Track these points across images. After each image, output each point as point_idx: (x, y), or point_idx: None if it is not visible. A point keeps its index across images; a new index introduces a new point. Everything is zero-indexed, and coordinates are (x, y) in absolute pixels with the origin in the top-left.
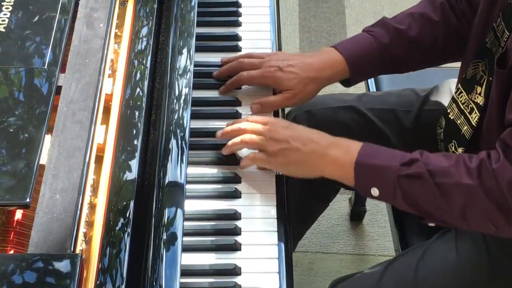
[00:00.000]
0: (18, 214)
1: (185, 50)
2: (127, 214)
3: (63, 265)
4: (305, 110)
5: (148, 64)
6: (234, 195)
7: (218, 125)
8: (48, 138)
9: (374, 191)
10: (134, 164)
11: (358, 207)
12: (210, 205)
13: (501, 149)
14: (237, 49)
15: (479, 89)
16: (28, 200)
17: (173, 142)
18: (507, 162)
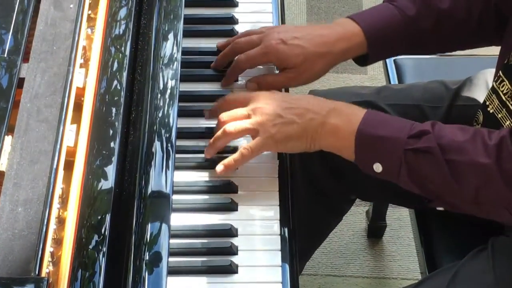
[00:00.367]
0: None
1: (171, 35)
2: (103, 230)
3: None
4: None
5: (127, 52)
6: (230, 207)
7: (210, 124)
8: (8, 140)
9: (377, 167)
10: (111, 170)
11: (377, 221)
12: (201, 219)
13: None
14: (232, 33)
15: None
16: None
17: (156, 145)
18: None
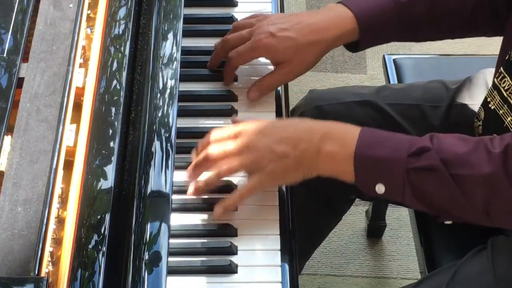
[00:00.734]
0: None
1: (170, 35)
2: (102, 230)
3: None
4: (314, 106)
5: (126, 52)
6: None
7: (210, 123)
8: (8, 140)
9: (379, 188)
10: (110, 170)
11: (376, 221)
12: (200, 219)
13: None
14: None
15: None
16: None
17: (156, 144)
18: None
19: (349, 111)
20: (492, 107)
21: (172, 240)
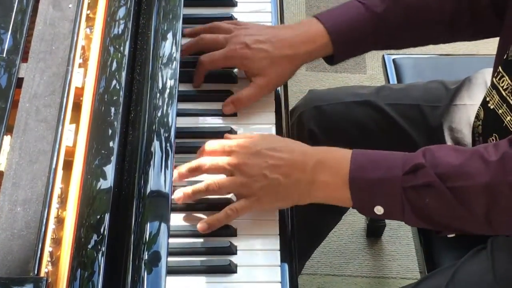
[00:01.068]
0: None
1: (170, 35)
2: (102, 230)
3: None
4: (314, 106)
5: (126, 52)
6: None
7: (209, 124)
8: (7, 140)
9: (378, 209)
10: (110, 170)
11: (376, 221)
12: (200, 219)
13: None
14: None
15: None
16: None
17: (156, 144)
18: None
19: (348, 111)
20: (491, 107)
21: (171, 240)
